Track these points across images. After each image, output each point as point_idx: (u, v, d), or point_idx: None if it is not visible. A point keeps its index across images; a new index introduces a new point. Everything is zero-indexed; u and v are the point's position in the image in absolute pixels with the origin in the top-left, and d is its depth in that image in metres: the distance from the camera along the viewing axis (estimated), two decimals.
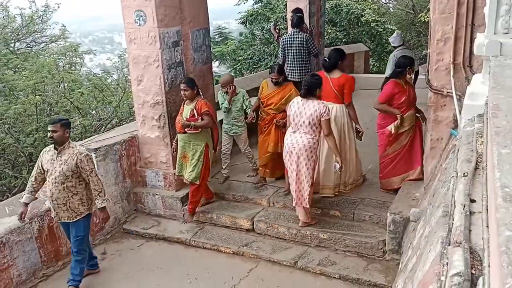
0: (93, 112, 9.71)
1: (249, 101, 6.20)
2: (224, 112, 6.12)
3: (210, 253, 5.46)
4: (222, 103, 6.08)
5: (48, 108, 8.68)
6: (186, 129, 5.44)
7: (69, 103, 8.77)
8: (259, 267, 5.07)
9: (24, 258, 4.91)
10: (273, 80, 5.80)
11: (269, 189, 6.09)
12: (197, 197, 5.86)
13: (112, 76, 10.89)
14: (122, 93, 9.59)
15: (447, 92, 4.32)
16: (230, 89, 5.99)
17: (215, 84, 7.43)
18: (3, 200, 5.76)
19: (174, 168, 6.10)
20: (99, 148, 5.78)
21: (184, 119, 5.48)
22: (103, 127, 9.19)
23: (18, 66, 9.61)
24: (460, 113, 3.63)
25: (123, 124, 8.35)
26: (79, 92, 8.95)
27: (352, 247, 4.99)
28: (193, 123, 5.42)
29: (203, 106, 5.47)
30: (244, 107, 6.12)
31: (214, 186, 6.32)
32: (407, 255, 3.57)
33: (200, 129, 5.48)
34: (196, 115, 5.48)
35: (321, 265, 4.87)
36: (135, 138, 6.30)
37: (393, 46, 7.71)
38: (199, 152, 5.58)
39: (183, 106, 5.67)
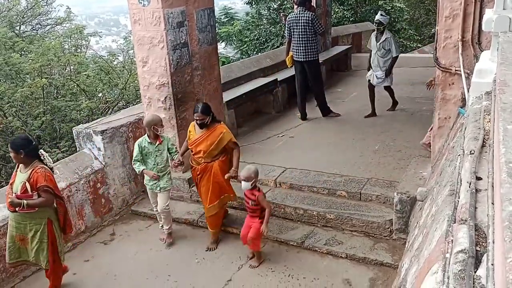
0: (100, 94, 9.72)
1: (176, 147, 5.30)
2: (139, 172, 5.01)
3: None
4: (134, 162, 5.01)
5: (55, 91, 8.70)
6: (16, 209, 4.09)
7: (75, 86, 8.78)
8: (266, 246, 5.10)
9: None
10: (198, 121, 4.78)
11: (276, 170, 6.09)
12: (57, 282, 4.52)
13: (118, 58, 10.87)
14: (128, 75, 9.57)
15: (455, 70, 4.26)
16: (157, 131, 4.96)
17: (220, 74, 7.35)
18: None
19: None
20: (106, 130, 5.80)
21: (14, 194, 4.09)
22: (110, 110, 9.20)
23: (24, 49, 9.61)
24: (468, 91, 3.58)
25: (129, 107, 8.35)
26: (85, 74, 8.94)
27: (359, 226, 5.00)
28: (24, 201, 4.02)
29: (40, 179, 4.04)
30: (171, 156, 5.15)
31: None
32: (413, 234, 3.58)
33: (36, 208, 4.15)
34: (29, 189, 4.06)
35: (328, 244, 4.89)
36: (142, 120, 6.30)
37: (380, 26, 7.33)
38: (40, 232, 4.22)
39: (16, 172, 4.24)
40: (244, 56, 15.29)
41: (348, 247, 4.79)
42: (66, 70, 9.20)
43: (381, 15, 7.42)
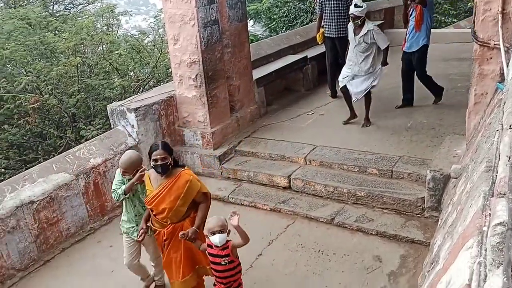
0: (131, 73, 9.86)
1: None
2: (117, 200, 3.95)
3: (248, 209, 5.57)
4: (114, 190, 3.91)
5: (88, 70, 8.88)
6: None
7: (108, 64, 8.93)
8: (296, 223, 5.15)
9: (72, 213, 5.18)
10: (158, 163, 3.49)
11: (306, 148, 6.09)
12: None
13: (148, 37, 10.96)
14: (159, 54, 9.66)
15: (494, 44, 4.11)
16: (136, 173, 3.83)
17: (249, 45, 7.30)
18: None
19: (212, 127, 6.18)
20: (139, 107, 5.90)
21: None
22: (141, 88, 9.33)
23: (58, 29, 9.79)
24: (507, 65, 3.46)
25: (160, 85, 8.45)
26: (117, 53, 9.08)
27: (390, 204, 4.97)
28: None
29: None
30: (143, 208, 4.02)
31: (250, 145, 6.38)
32: (447, 211, 3.54)
33: None
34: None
35: (358, 221, 4.89)
36: (173, 98, 6.38)
37: (357, 20, 6.16)
38: None
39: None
40: (272, 34, 15.13)
41: (379, 225, 4.78)
42: (99, 49, 9.35)
43: (356, 6, 6.12)
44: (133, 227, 3.98)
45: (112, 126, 6.17)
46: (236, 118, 6.76)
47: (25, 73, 8.29)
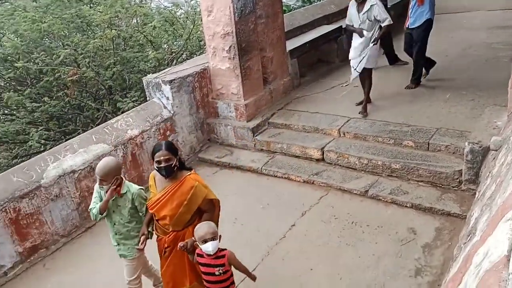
0: (165, 46, 9.92)
1: (143, 203, 3.51)
2: (95, 220, 3.54)
3: (281, 181, 5.62)
4: (91, 209, 3.48)
5: (123, 43, 8.98)
6: None
7: (142, 37, 9.00)
8: (329, 195, 5.17)
9: None
10: (162, 165, 3.17)
11: (339, 120, 6.03)
12: None
13: (181, 9, 10.94)
14: (192, 26, 9.65)
15: None
16: (113, 184, 3.36)
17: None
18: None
19: (245, 99, 6.20)
20: (174, 80, 5.96)
21: None
22: (175, 61, 9.39)
23: (93, 2, 9.91)
24: None
25: (193, 57, 8.48)
26: (151, 26, 9.13)
27: (425, 177, 4.90)
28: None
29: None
30: (140, 214, 3.55)
31: (284, 117, 6.38)
32: (485, 184, 3.48)
33: None
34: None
35: (392, 194, 4.86)
36: (207, 70, 6.41)
37: None
38: None
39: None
40: (306, 4, 14.79)
41: (414, 197, 4.74)
42: (133, 22, 9.43)
43: None
44: (114, 246, 3.58)
45: (147, 98, 6.28)
46: (269, 90, 6.74)
47: (62, 46, 8.48)
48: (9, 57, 7.96)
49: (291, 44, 7.42)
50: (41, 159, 4.98)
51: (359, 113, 6.04)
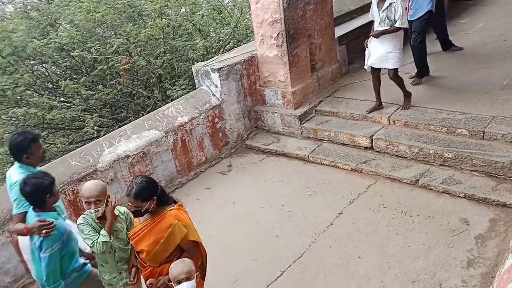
0: (213, 34, 10.01)
1: (133, 222, 3.26)
2: (102, 251, 3.09)
3: (328, 169, 5.60)
4: (91, 240, 3.06)
5: (172, 31, 9.14)
6: None
7: (191, 26, 9.13)
8: (378, 183, 5.10)
9: (162, 167, 5.53)
10: (132, 210, 2.97)
11: (389, 108, 5.90)
12: None
13: None
14: (239, 14, 9.68)
15: None
16: (106, 205, 3.09)
17: None
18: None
19: (292, 87, 6.19)
20: (222, 68, 6.03)
21: None
22: (222, 49, 9.47)
23: None
24: None
25: (240, 45, 8.53)
26: (200, 14, 9.23)
27: (480, 166, 4.74)
28: None
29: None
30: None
31: (331, 104, 6.32)
32: None
33: None
34: None
35: (444, 183, 4.73)
36: (255, 58, 6.44)
37: None
38: None
39: None
40: None
41: (467, 187, 4.60)
42: (182, 11, 9.58)
43: None
44: (115, 277, 3.26)
45: (196, 86, 6.39)
46: (317, 77, 6.69)
47: (115, 35, 8.74)
48: (65, 47, 8.29)
49: (340, 30, 7.31)
50: (97, 144, 5.21)
51: (400, 108, 5.80)
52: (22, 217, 3.20)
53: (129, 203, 2.92)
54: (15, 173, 3.39)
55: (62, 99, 8.75)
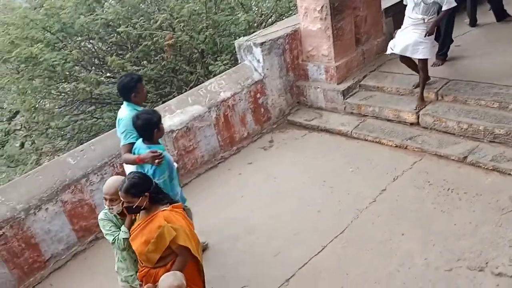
0: (255, 8, 9.92)
1: None
2: (121, 249, 3.21)
3: (371, 145, 5.51)
4: (112, 236, 3.18)
5: (215, 6, 9.12)
6: None
7: (233, 0, 9.08)
8: (423, 160, 4.98)
9: (205, 142, 5.62)
10: (124, 206, 2.98)
11: (438, 82, 5.69)
12: None
13: None
14: None
15: None
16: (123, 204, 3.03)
17: None
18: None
19: (336, 61, 6.07)
20: (264, 42, 5.98)
21: None
22: (264, 23, 9.38)
23: None
24: None
25: (282, 19, 8.41)
26: None
27: None
28: None
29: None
30: None
31: (376, 79, 6.17)
32: None
33: None
34: None
35: (494, 161, 4.56)
36: (297, 32, 6.34)
37: None
38: None
39: None
40: None
41: None
42: None
43: None
44: (132, 275, 3.31)
45: (239, 61, 6.39)
46: (362, 51, 6.52)
47: (158, 11, 8.81)
48: (111, 23, 8.45)
49: (387, 2, 7.05)
50: None
51: (414, 108, 5.44)
52: (128, 148, 3.69)
53: (121, 198, 2.94)
54: (123, 110, 3.87)
55: (108, 74, 8.98)
